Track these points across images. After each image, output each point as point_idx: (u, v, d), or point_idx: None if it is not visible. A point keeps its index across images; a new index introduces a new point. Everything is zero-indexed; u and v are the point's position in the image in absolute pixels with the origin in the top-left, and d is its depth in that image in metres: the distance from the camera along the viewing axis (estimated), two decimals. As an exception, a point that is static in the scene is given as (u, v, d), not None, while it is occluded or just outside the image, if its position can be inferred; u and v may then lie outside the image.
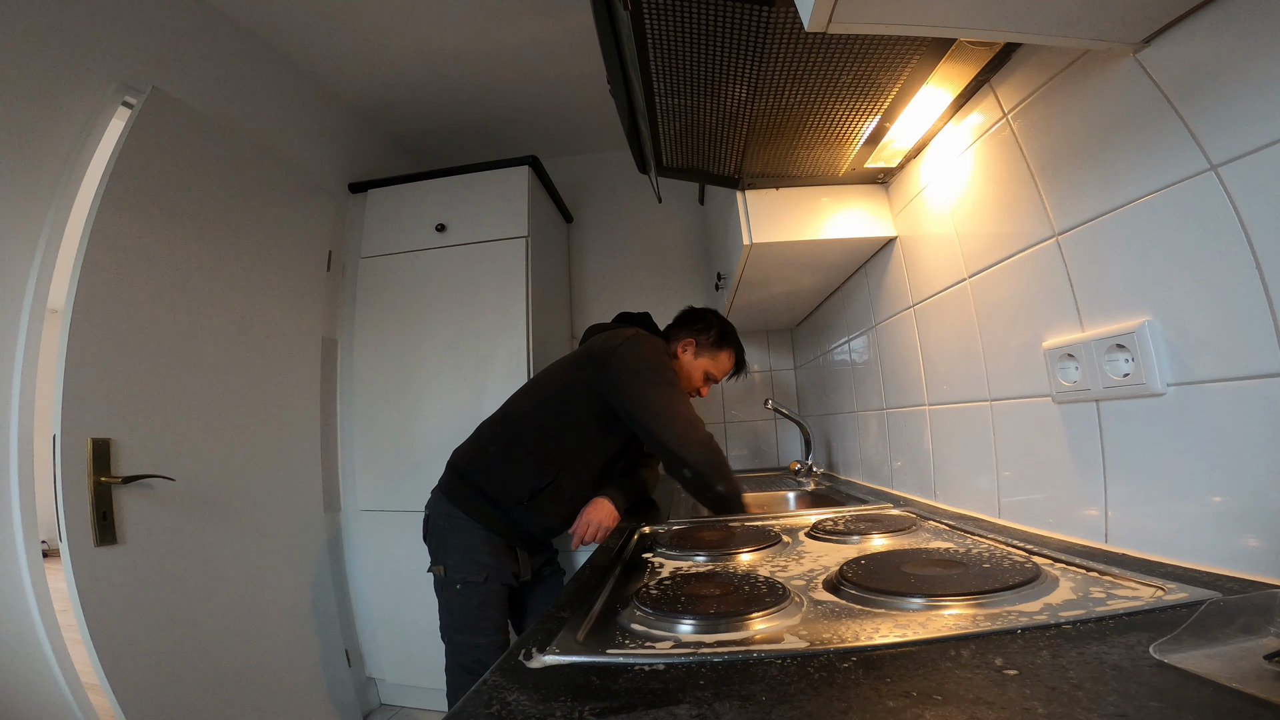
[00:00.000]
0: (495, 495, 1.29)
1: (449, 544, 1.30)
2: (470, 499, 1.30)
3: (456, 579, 1.28)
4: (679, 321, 1.50)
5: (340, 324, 2.13)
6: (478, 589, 1.27)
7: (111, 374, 1.27)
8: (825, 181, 1.21)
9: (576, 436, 1.30)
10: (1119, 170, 0.62)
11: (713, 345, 1.45)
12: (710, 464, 1.17)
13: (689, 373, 1.45)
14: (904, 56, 0.77)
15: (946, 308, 1.02)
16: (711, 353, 1.45)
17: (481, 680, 0.42)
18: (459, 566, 1.28)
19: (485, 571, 1.27)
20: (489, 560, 1.28)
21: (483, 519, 1.29)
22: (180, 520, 1.39)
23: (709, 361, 1.45)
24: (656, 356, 1.29)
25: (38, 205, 1.20)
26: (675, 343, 1.46)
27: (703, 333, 1.45)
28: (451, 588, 1.28)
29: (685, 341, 1.45)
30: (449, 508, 1.31)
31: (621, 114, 0.98)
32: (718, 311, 1.52)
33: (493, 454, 1.33)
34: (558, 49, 1.96)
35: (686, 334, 1.46)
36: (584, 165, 2.70)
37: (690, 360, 1.44)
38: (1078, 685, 0.34)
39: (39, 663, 1.12)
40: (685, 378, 1.44)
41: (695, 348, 1.44)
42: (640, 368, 1.25)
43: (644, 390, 1.22)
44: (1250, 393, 0.50)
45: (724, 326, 1.47)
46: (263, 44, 1.82)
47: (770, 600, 0.54)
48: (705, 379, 1.47)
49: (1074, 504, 0.72)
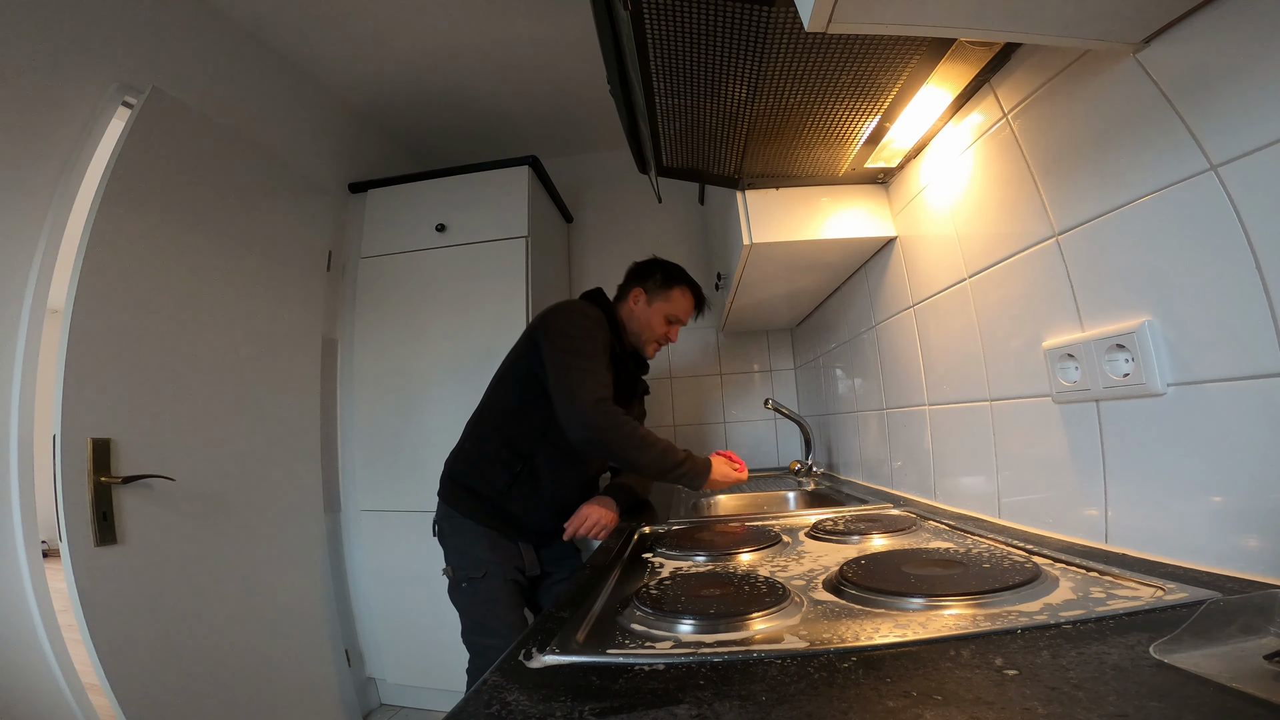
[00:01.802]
0: (480, 490, 1.31)
1: (450, 544, 1.32)
2: (460, 497, 1.32)
3: (461, 578, 1.29)
4: (626, 278, 1.51)
5: (340, 324, 2.13)
6: (480, 585, 1.27)
7: (111, 374, 1.27)
8: (825, 181, 1.21)
9: (535, 415, 1.29)
10: (1119, 170, 0.62)
11: (661, 287, 1.44)
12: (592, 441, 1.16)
13: (648, 322, 1.44)
14: (904, 56, 0.77)
15: (946, 308, 1.02)
16: (663, 294, 1.44)
17: (481, 680, 0.42)
18: (460, 565, 1.30)
19: (484, 567, 1.28)
20: (486, 555, 1.28)
21: (475, 515, 1.30)
22: (180, 520, 1.39)
23: (663, 304, 1.44)
24: (569, 323, 1.28)
25: (38, 205, 1.20)
26: (627, 299, 1.46)
27: (648, 278, 1.45)
28: (458, 587, 1.30)
29: (634, 293, 1.45)
30: (445, 509, 1.34)
31: (621, 114, 0.98)
32: (661, 258, 1.52)
33: (469, 449, 1.36)
34: (558, 49, 1.96)
35: (634, 285, 1.46)
36: (584, 165, 2.70)
37: (645, 309, 1.44)
38: (1078, 685, 0.34)
39: (39, 663, 1.12)
40: (645, 327, 1.44)
41: (645, 295, 1.44)
42: (552, 334, 1.26)
43: (550, 354, 1.23)
44: (1250, 393, 0.50)
45: (668, 268, 1.47)
46: (263, 44, 1.82)
47: (770, 600, 0.54)
48: (667, 322, 1.46)
49: (1074, 504, 0.72)
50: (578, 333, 1.26)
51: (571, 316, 1.30)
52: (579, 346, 1.23)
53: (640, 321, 1.44)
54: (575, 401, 1.16)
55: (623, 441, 1.16)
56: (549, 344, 1.25)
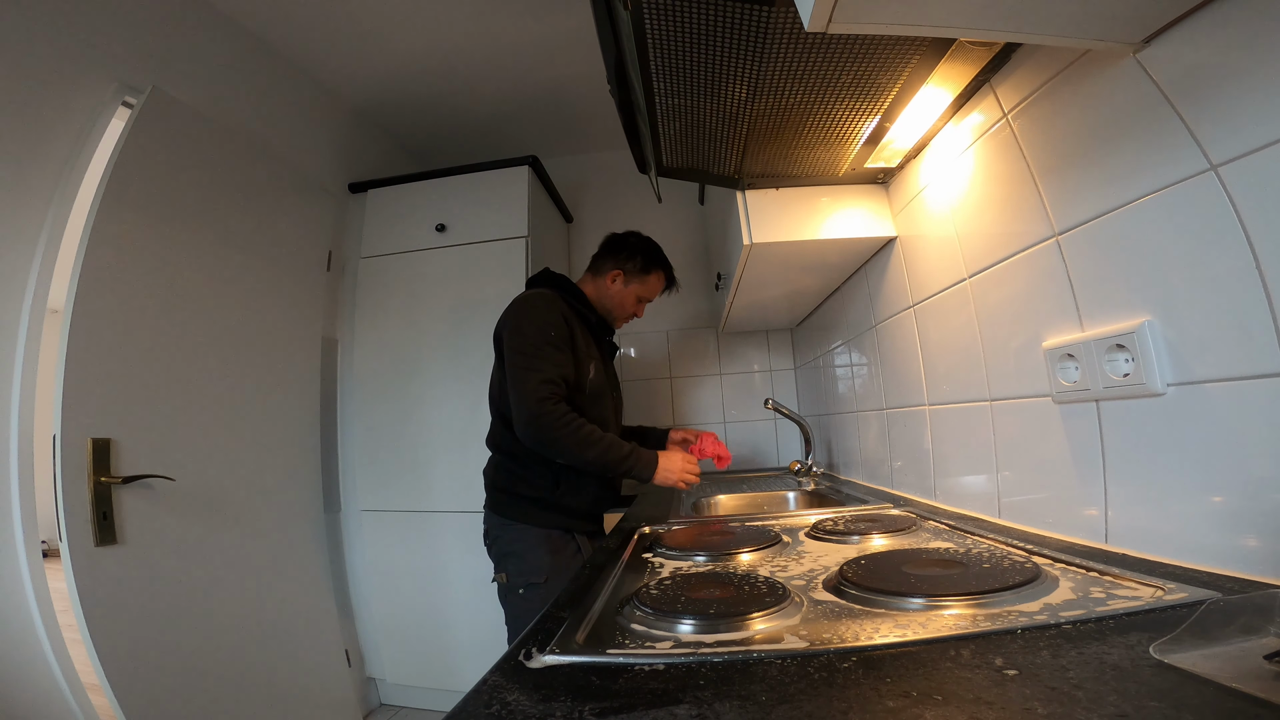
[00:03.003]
0: (527, 493, 1.31)
1: (505, 551, 1.31)
2: (511, 505, 1.32)
3: (519, 584, 1.28)
4: (604, 250, 1.50)
5: (340, 324, 2.13)
6: (541, 591, 1.25)
7: (111, 374, 1.27)
8: (825, 181, 1.21)
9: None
10: (1119, 170, 0.62)
11: (640, 271, 1.47)
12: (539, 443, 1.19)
13: (620, 300, 1.47)
14: (904, 56, 0.77)
15: (946, 308, 1.02)
16: (640, 278, 1.47)
17: (481, 680, 0.42)
18: (519, 571, 1.28)
19: (545, 573, 1.26)
20: (547, 560, 1.27)
21: (530, 518, 1.30)
22: (180, 520, 1.39)
23: (639, 287, 1.47)
24: (517, 320, 1.30)
25: (38, 205, 1.20)
26: (603, 274, 1.47)
27: (628, 260, 1.46)
28: (515, 593, 1.28)
29: (613, 273, 1.46)
30: (498, 520, 1.33)
31: (621, 114, 0.98)
32: (639, 233, 1.52)
33: (504, 463, 1.36)
34: (558, 49, 1.96)
35: (612, 265, 1.46)
36: (584, 165, 2.70)
37: (620, 290, 1.46)
38: (1078, 685, 0.34)
39: (39, 663, 1.12)
40: (618, 305, 1.47)
41: (624, 277, 1.46)
42: (504, 336, 1.29)
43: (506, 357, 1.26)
44: (1250, 393, 0.50)
45: (647, 251, 1.48)
46: (263, 44, 1.82)
47: (770, 600, 0.54)
48: (637, 301, 1.49)
49: (1074, 504, 0.72)
50: (527, 327, 1.27)
51: (521, 312, 1.31)
52: (526, 344, 1.25)
53: (614, 300, 1.47)
54: (521, 405, 1.19)
55: (567, 440, 1.18)
56: (507, 345, 1.28)
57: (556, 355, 1.25)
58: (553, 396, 1.20)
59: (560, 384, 1.23)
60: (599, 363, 1.38)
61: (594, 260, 1.51)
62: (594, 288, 1.47)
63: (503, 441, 1.36)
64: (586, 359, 1.33)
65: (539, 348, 1.24)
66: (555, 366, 1.24)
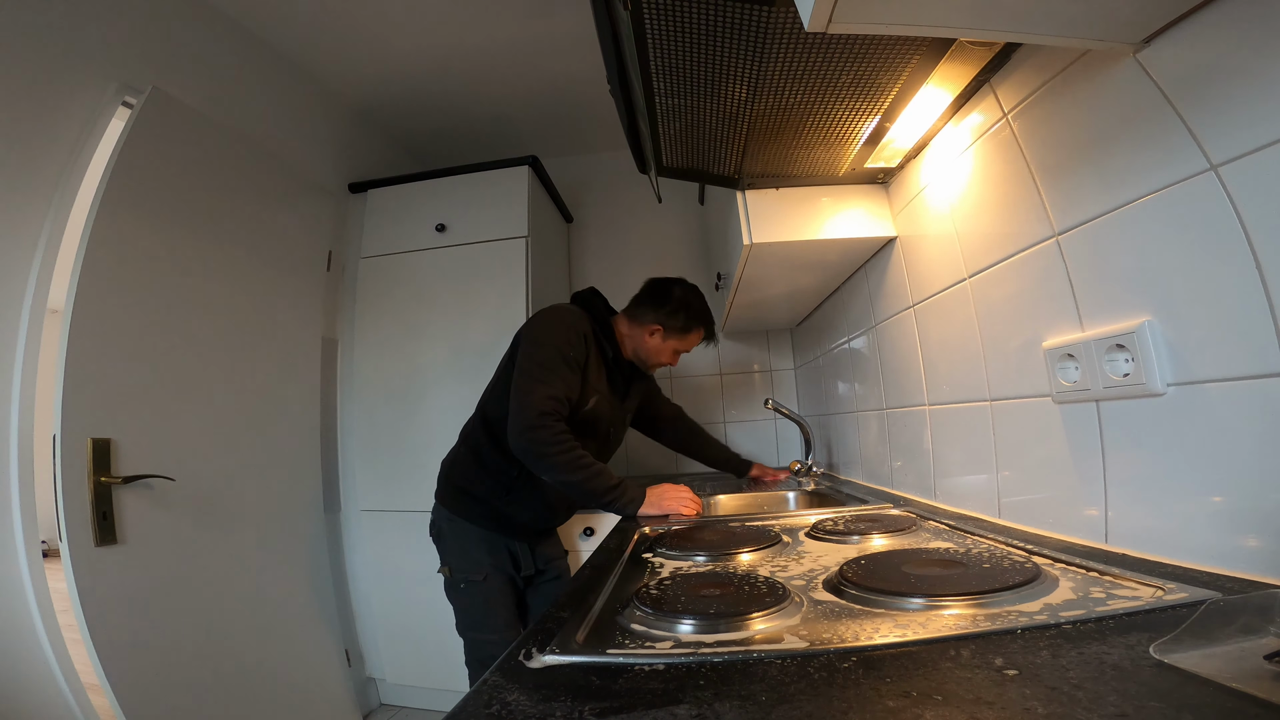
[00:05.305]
0: (478, 493, 1.33)
1: (450, 545, 1.35)
2: (459, 500, 1.35)
3: (460, 579, 1.32)
4: (646, 298, 1.44)
5: (340, 324, 2.12)
6: (480, 587, 1.31)
7: (111, 374, 1.27)
8: (825, 181, 1.21)
9: None
10: (1119, 170, 0.62)
11: (681, 330, 1.42)
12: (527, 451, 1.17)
13: (657, 352, 1.44)
14: (904, 56, 0.77)
15: (946, 308, 1.02)
16: (680, 336, 1.43)
17: (481, 680, 0.42)
18: (461, 567, 1.32)
19: (484, 570, 1.31)
20: (486, 558, 1.32)
21: (474, 518, 1.33)
22: (180, 520, 1.39)
23: (677, 342, 1.44)
24: (542, 331, 1.28)
25: (38, 205, 1.20)
26: (642, 325, 1.42)
27: (670, 318, 1.41)
28: (457, 587, 1.33)
29: (652, 328, 1.42)
30: (444, 512, 1.36)
31: (621, 114, 0.98)
32: (683, 282, 1.46)
33: (465, 456, 1.38)
34: (558, 49, 1.96)
35: (653, 318, 1.41)
36: (584, 165, 2.70)
37: (659, 344, 1.43)
38: (1078, 685, 0.34)
39: (39, 663, 1.12)
40: (653, 355, 1.44)
41: (663, 333, 1.42)
42: (526, 340, 1.28)
43: (519, 360, 1.25)
44: (1250, 393, 0.50)
45: (690, 309, 1.42)
46: (263, 44, 1.82)
47: (770, 600, 0.54)
48: (674, 354, 1.47)
49: (1074, 504, 0.72)
50: (547, 340, 1.26)
51: (547, 324, 1.30)
52: (543, 356, 1.23)
53: (649, 351, 1.43)
54: (521, 412, 1.17)
55: (558, 458, 1.16)
56: (522, 351, 1.27)
57: (569, 374, 1.24)
58: (555, 413, 1.19)
59: (565, 403, 1.22)
60: (602, 398, 1.34)
61: (635, 304, 1.45)
62: (629, 330, 1.43)
63: (472, 436, 1.38)
64: (591, 390, 1.31)
65: (555, 362, 1.23)
66: (564, 385, 1.23)
